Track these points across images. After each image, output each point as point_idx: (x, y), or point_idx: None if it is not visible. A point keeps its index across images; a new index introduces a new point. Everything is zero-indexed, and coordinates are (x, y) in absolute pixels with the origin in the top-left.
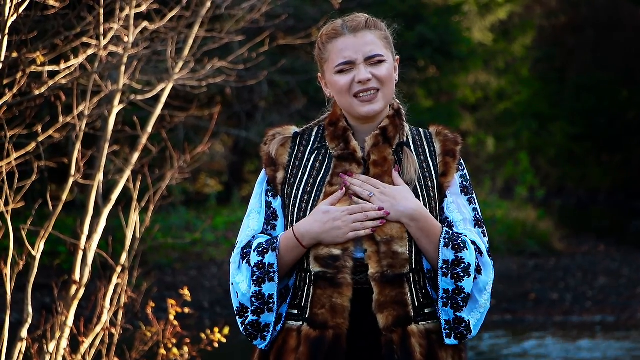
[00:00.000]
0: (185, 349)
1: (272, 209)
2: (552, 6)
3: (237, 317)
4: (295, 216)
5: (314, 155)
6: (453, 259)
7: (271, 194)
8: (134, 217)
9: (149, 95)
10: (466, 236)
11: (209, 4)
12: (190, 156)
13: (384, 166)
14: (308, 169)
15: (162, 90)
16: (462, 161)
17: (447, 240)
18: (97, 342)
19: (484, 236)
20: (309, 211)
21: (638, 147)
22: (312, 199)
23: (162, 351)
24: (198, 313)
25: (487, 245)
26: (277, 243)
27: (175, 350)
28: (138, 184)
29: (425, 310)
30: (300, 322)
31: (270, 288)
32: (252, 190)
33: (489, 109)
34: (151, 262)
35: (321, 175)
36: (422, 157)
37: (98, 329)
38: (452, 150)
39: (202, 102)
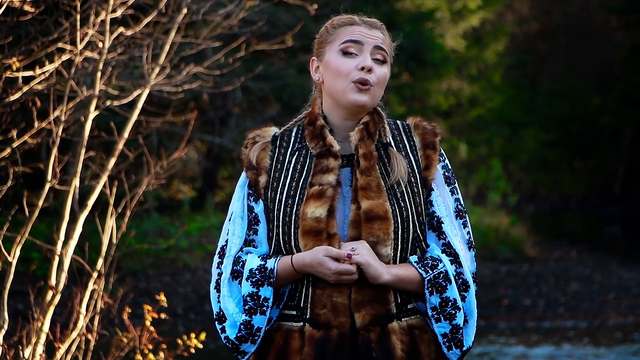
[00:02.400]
0: (162, 354)
1: (254, 214)
2: (524, 13)
3: (217, 322)
4: (280, 221)
5: (294, 157)
6: (440, 302)
7: (253, 198)
8: (111, 222)
9: (125, 101)
10: (442, 262)
11: (185, 10)
12: (166, 162)
13: (370, 160)
14: (290, 172)
15: (139, 95)
16: (442, 152)
17: (431, 288)
18: (73, 348)
19: (465, 227)
20: (294, 215)
21: (610, 153)
22: (295, 202)
23: (139, 357)
24: (172, 319)
25: (468, 237)
26: (274, 276)
27: (151, 356)
28: (114, 190)
29: (408, 306)
30: (301, 323)
31: (260, 321)
32: (225, 196)
33: (462, 115)
34: (125, 268)
35: (303, 177)
36: (403, 153)
37: (74, 334)
38: (432, 142)
39: (176, 109)
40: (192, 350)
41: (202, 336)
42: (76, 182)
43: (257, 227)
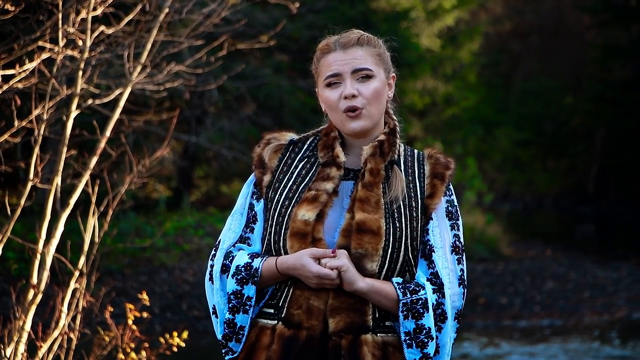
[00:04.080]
0: (144, 353)
1: (253, 212)
2: (497, 12)
3: (214, 316)
4: (274, 220)
5: (302, 163)
6: (414, 327)
7: (255, 197)
8: (93, 221)
9: (107, 100)
10: (424, 289)
11: (167, 10)
12: (148, 161)
13: (376, 177)
14: (294, 176)
15: (120, 94)
16: (451, 186)
17: (405, 312)
18: (55, 346)
19: (459, 263)
20: (286, 216)
21: (583, 153)
22: (291, 205)
23: (121, 356)
24: (149, 318)
25: (460, 273)
26: (258, 275)
27: (133, 354)
28: (96, 188)
29: (386, 323)
30: (275, 321)
31: (242, 320)
32: (201, 195)
33: (437, 114)
34: (101, 267)
35: (305, 182)
36: (410, 178)
37: (56, 333)
38: (441, 174)
39: (152, 108)
40: (175, 349)
41: (185, 334)
42: (58, 180)
43: (254, 226)
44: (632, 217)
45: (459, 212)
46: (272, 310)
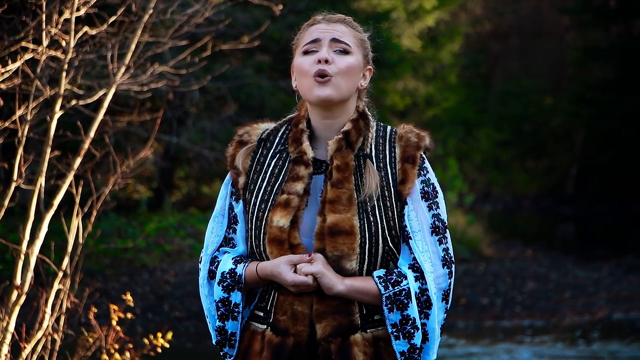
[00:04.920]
0: (127, 354)
1: (234, 214)
2: (477, 13)
3: (207, 319)
4: (253, 224)
5: (274, 160)
6: (400, 319)
7: (234, 197)
8: (77, 222)
9: (91, 100)
10: (406, 278)
11: (151, 11)
12: (132, 161)
13: (345, 172)
14: (267, 175)
15: (104, 95)
16: (425, 165)
17: (390, 305)
18: (39, 347)
19: (441, 244)
20: (263, 221)
21: (563, 153)
22: (267, 209)
23: (105, 357)
24: (131, 318)
25: (443, 254)
26: (242, 282)
27: (117, 355)
28: (80, 189)
29: (375, 317)
30: (265, 326)
31: (233, 326)
32: (182, 196)
33: (418, 115)
34: (82, 268)
35: (278, 182)
36: (381, 165)
37: (39, 334)
38: (412, 156)
39: (135, 109)
40: (159, 350)
41: (169, 335)
42: (41, 181)
43: (235, 227)
44: (612, 217)
45: (437, 190)
46: (262, 314)
